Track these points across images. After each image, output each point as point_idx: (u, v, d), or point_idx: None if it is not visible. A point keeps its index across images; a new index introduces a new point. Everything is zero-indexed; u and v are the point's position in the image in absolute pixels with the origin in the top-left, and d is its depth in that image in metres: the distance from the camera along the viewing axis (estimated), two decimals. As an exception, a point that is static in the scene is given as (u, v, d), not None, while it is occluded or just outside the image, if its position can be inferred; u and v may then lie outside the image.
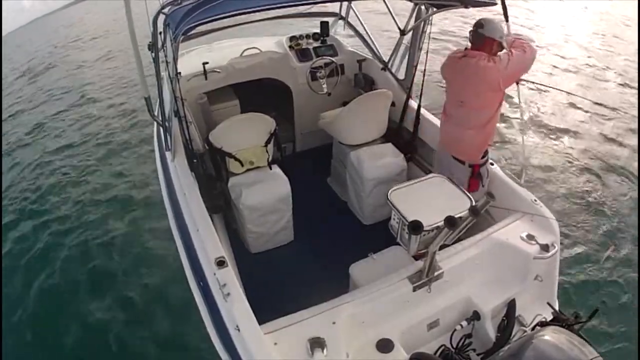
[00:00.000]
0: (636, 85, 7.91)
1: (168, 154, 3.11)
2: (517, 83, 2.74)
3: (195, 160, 3.01)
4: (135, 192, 5.47)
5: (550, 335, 1.77)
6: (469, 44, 2.76)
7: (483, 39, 2.65)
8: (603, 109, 7.18)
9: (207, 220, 2.52)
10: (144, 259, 4.29)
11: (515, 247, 2.41)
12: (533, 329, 2.11)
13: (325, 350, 1.88)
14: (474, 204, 2.14)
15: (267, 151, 3.37)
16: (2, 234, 4.92)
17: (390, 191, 2.35)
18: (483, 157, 2.89)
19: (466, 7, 2.91)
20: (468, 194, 2.34)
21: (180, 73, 3.04)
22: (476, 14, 3.26)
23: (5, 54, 15.02)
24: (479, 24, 2.66)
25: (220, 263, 2.20)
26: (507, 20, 2.60)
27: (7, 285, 4.18)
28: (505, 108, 6.36)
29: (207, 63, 3.89)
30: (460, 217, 1.98)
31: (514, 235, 2.47)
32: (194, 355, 3.19)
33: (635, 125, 6.56)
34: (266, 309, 2.06)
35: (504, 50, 2.66)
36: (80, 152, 6.83)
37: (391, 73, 4.02)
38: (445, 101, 2.97)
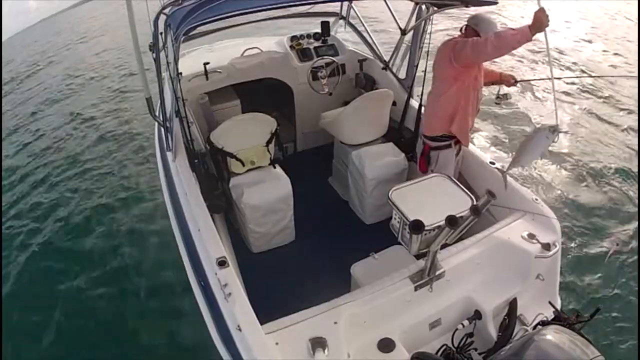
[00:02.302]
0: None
1: (169, 154, 3.11)
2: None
3: (196, 160, 3.01)
4: (135, 192, 5.48)
5: (552, 335, 1.77)
6: None
7: (465, 25, 2.86)
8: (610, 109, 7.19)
9: (208, 220, 2.52)
10: (144, 259, 4.30)
11: (517, 246, 2.41)
12: (534, 328, 2.12)
13: (326, 350, 1.87)
14: (475, 203, 2.14)
15: (268, 151, 3.37)
16: (1, 235, 4.93)
17: (391, 191, 2.35)
18: (438, 141, 3.02)
19: (467, 6, 2.92)
20: (469, 193, 2.34)
21: (181, 73, 3.05)
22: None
23: (11, 55, 15.09)
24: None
25: (222, 263, 2.20)
26: None
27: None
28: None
29: (208, 63, 3.90)
30: (461, 217, 1.98)
31: (515, 235, 2.47)
32: (194, 355, 3.19)
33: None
34: (267, 308, 2.06)
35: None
36: (79, 151, 6.86)
37: (392, 73, 4.02)
38: None
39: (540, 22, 2.28)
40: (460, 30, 2.88)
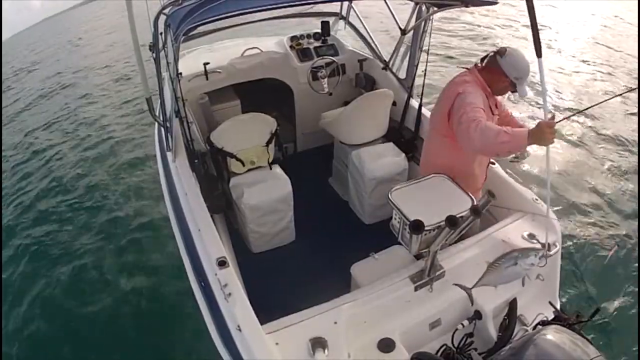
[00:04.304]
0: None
1: (169, 154, 3.12)
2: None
3: (196, 161, 3.02)
4: (134, 192, 5.48)
5: (552, 335, 1.77)
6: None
7: (495, 66, 2.26)
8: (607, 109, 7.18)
9: (208, 221, 2.52)
10: (144, 259, 4.30)
11: (517, 247, 2.41)
12: (534, 328, 2.11)
13: (326, 351, 1.87)
14: (475, 203, 2.14)
15: (268, 151, 3.37)
16: (1, 236, 4.93)
17: (391, 191, 2.35)
18: None
19: (467, 6, 2.91)
20: (469, 193, 2.34)
21: (181, 73, 3.06)
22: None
23: (13, 53, 15.09)
24: (503, 51, 2.24)
25: (222, 263, 2.20)
26: (539, 56, 1.81)
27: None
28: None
29: (208, 63, 3.90)
30: (461, 217, 1.98)
31: (515, 235, 2.46)
32: (195, 355, 3.20)
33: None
34: (268, 308, 2.06)
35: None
36: (76, 149, 6.87)
37: (392, 72, 4.02)
38: None
39: (543, 137, 1.85)
40: (482, 61, 2.29)
